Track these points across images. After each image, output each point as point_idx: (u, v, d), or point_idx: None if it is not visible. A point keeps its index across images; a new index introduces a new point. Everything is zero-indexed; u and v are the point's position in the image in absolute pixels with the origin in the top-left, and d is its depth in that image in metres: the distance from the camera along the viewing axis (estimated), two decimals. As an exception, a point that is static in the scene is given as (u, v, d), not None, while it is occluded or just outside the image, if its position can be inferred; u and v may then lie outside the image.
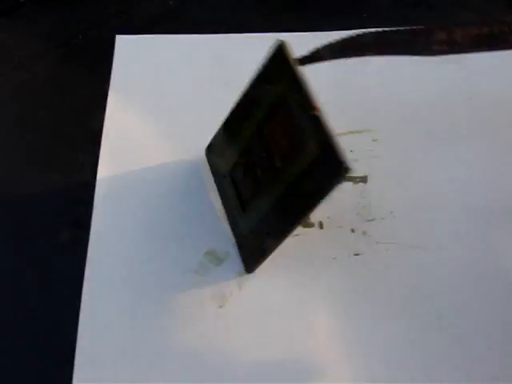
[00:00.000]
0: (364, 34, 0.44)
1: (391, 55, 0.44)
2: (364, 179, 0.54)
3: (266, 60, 0.46)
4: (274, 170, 0.46)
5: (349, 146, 0.55)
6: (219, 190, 0.52)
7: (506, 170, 0.54)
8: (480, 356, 0.45)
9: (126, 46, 0.65)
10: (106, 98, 0.60)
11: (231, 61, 0.63)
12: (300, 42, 0.47)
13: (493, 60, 0.50)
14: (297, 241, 0.52)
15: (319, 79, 0.58)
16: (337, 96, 0.59)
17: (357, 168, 0.53)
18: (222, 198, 0.52)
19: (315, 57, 0.45)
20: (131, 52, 0.64)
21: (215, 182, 0.53)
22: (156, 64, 0.63)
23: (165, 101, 0.60)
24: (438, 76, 0.61)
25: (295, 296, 0.49)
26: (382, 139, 0.57)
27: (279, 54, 0.45)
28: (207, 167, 0.54)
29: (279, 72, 0.45)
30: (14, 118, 0.60)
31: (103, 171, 0.56)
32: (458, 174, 0.54)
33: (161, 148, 0.57)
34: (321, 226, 0.52)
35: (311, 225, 0.52)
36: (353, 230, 0.52)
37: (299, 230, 0.52)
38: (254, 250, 0.48)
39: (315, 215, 0.53)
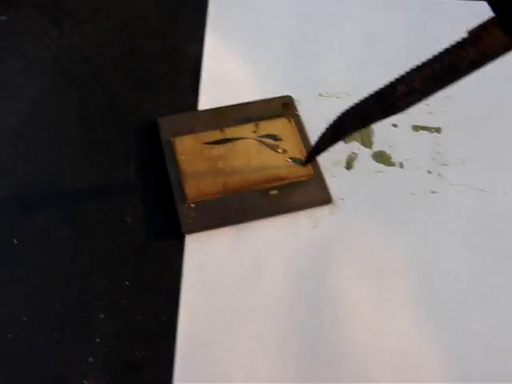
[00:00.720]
0: (342, 116, 0.46)
1: (372, 123, 0.46)
2: (438, 130, 0.61)
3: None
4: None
5: (424, 101, 0.62)
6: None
7: None
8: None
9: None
10: (205, 29, 0.68)
11: (314, 12, 0.72)
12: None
13: None
14: (380, 177, 0.58)
15: (399, 41, 0.66)
16: (415, 57, 0.66)
17: (432, 120, 0.61)
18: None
19: (316, 150, 0.50)
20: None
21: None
22: (248, 4, 0.71)
23: (253, 38, 0.69)
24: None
25: (379, 222, 0.55)
26: (454, 96, 0.64)
27: None
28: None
29: None
30: (124, 44, 0.65)
31: (203, 101, 0.62)
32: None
33: (249, 83, 0.64)
34: (401, 165, 0.59)
35: (393, 164, 0.59)
36: (429, 172, 0.58)
37: (382, 167, 0.59)
38: None
39: (396, 156, 0.59)
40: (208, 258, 0.53)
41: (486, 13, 0.71)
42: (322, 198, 0.56)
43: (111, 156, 0.57)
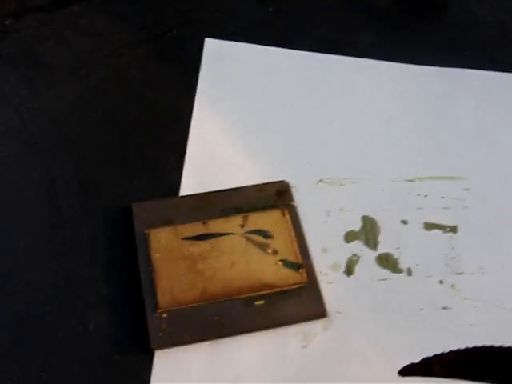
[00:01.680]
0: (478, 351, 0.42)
1: None
2: (454, 229, 0.53)
3: None
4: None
5: (439, 193, 0.55)
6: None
7: None
8: None
9: (214, 49, 0.64)
10: (194, 96, 0.60)
11: (317, 80, 0.64)
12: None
13: None
14: (385, 286, 0.51)
15: (413, 117, 0.58)
16: (431, 137, 0.58)
17: (447, 216, 0.53)
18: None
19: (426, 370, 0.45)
20: (219, 56, 0.64)
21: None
22: (241, 72, 0.64)
23: (246, 110, 0.61)
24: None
25: (380, 343, 0.48)
26: (474, 189, 0.56)
27: None
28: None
29: None
30: (103, 109, 0.59)
31: (187, 184, 0.55)
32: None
33: (240, 165, 0.57)
34: (409, 272, 0.51)
35: (400, 270, 0.51)
36: (441, 282, 0.51)
37: (388, 274, 0.51)
38: None
39: (404, 260, 0.51)
40: (179, 381, 0.45)
41: (509, 84, 0.64)
42: (316, 311, 0.49)
43: (77, 247, 0.50)
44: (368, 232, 0.53)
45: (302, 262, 0.50)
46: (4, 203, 0.52)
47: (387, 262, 0.51)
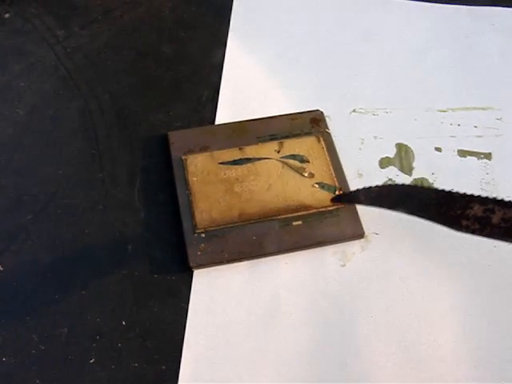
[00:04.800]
0: (398, 187, 0.43)
1: (420, 218, 0.40)
2: (488, 156, 0.53)
3: None
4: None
5: (472, 122, 0.55)
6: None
7: None
8: None
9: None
10: (227, 34, 0.61)
11: (348, 18, 0.65)
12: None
13: None
14: (421, 209, 0.50)
15: (444, 53, 0.58)
16: (463, 71, 0.58)
17: (480, 144, 0.53)
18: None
19: (354, 198, 0.47)
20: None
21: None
22: (274, 7, 0.64)
23: (279, 45, 0.62)
24: None
25: (417, 263, 0.48)
26: (506, 119, 0.56)
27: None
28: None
29: None
30: (138, 47, 0.59)
31: (222, 115, 0.56)
32: None
33: (274, 95, 0.57)
34: (446, 196, 0.50)
35: (436, 195, 0.50)
36: (478, 205, 0.50)
37: (425, 198, 0.50)
38: None
39: (440, 185, 0.51)
40: (218, 298, 0.46)
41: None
42: (353, 231, 0.49)
43: (114, 173, 0.51)
44: (402, 158, 0.53)
45: (339, 185, 0.50)
46: (43, 134, 0.53)
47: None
